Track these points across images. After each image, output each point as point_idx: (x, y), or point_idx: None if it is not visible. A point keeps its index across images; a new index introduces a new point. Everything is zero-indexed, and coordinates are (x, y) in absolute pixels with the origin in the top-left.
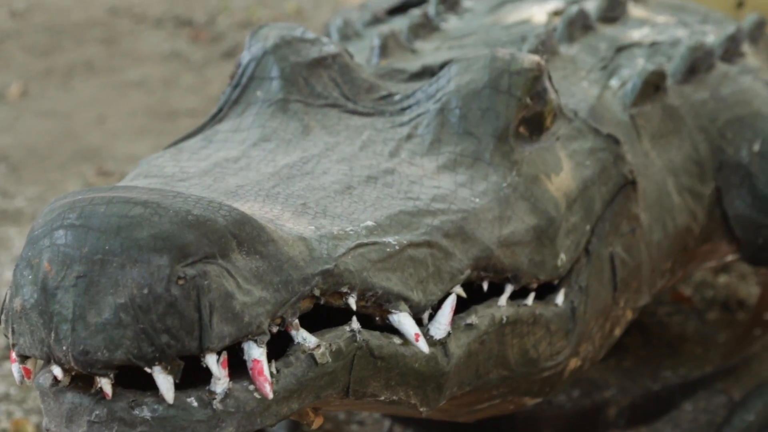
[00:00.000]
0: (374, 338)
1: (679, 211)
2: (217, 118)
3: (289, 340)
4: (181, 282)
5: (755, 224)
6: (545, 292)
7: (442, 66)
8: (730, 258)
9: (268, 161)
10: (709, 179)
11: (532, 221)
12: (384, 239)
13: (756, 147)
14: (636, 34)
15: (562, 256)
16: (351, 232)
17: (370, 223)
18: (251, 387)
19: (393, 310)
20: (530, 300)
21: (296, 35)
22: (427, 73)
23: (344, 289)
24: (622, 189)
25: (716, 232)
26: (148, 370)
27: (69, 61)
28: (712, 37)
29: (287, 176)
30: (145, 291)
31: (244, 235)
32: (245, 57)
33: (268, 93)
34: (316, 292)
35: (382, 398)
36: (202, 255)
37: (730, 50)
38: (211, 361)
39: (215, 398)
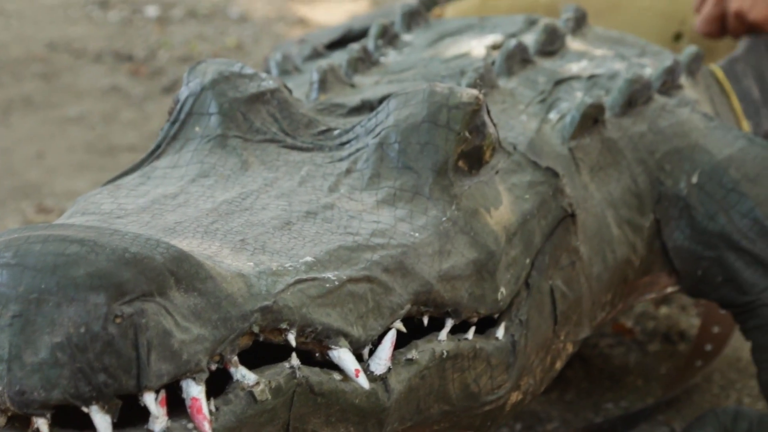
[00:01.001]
0: (314, 375)
1: (619, 244)
2: (155, 154)
3: (229, 377)
4: (118, 320)
5: (694, 256)
6: (486, 326)
7: (381, 100)
8: (670, 290)
9: (207, 197)
10: (648, 211)
11: (471, 255)
12: (323, 275)
13: (694, 179)
14: (574, 67)
15: (503, 289)
16: (290, 268)
17: (309, 258)
18: (190, 425)
19: (333, 346)
20: (471, 334)
21: (234, 71)
22: (366, 107)
23: (283, 326)
24: (562, 222)
25: (656, 264)
26: (85, 409)
27: (7, 97)
28: (649, 69)
29: (226, 212)
30: (82, 330)
31: (182, 272)
32: (183, 93)
33: (206, 129)
34: (255, 329)
35: None
36: (140, 293)
37: (668, 83)
38: (149, 399)
39: None
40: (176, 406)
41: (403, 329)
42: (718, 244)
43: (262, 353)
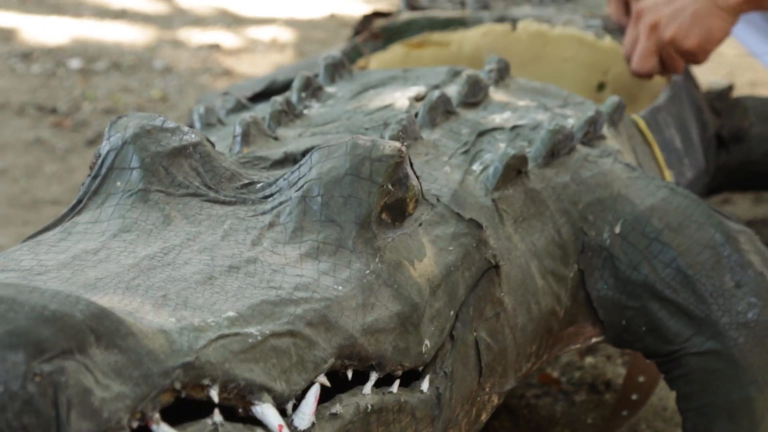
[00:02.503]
0: (237, 431)
1: (543, 295)
2: (76, 209)
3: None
4: (37, 379)
5: (618, 306)
6: (410, 378)
7: (305, 153)
8: (595, 340)
9: (129, 252)
10: (572, 262)
11: (395, 308)
12: (246, 330)
13: (617, 229)
14: (497, 119)
15: (427, 342)
16: (212, 324)
17: (231, 313)
18: None
19: (256, 402)
20: (395, 387)
21: (156, 124)
22: (290, 160)
23: (206, 382)
24: (486, 273)
25: (580, 315)
26: None
27: None
28: (572, 120)
29: (148, 267)
30: (1, 389)
31: (103, 329)
32: (104, 147)
33: (128, 183)
34: (177, 385)
35: None
36: (59, 350)
37: (590, 133)
38: None
39: None
40: None
41: (327, 383)
42: (641, 294)
43: (184, 409)
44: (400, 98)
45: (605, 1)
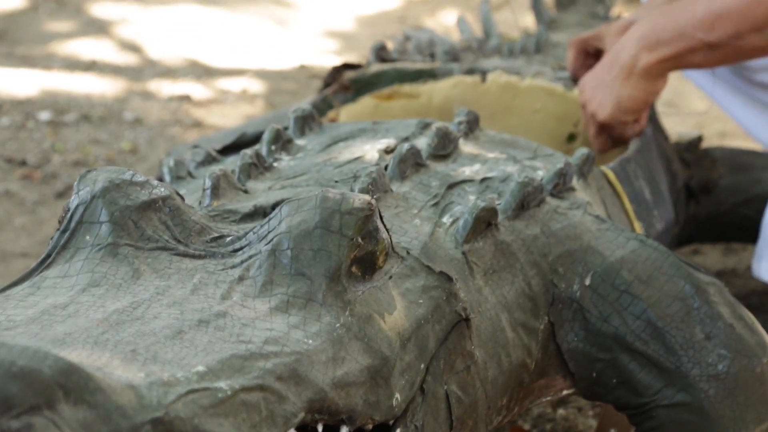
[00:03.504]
0: None
1: (514, 347)
2: (45, 264)
3: None
4: None
5: (588, 358)
6: None
7: (274, 206)
8: (566, 392)
9: (98, 307)
10: (542, 314)
11: (366, 361)
12: (216, 384)
13: (587, 281)
14: (467, 171)
15: (397, 395)
16: (182, 378)
17: (201, 368)
18: None
19: None
20: None
21: (125, 178)
22: (259, 213)
23: None
24: (456, 326)
25: (551, 367)
26: None
27: None
28: (542, 172)
29: (117, 322)
30: None
31: (71, 385)
32: (73, 201)
33: (97, 237)
34: None
35: None
36: (28, 406)
37: (560, 185)
38: None
39: None
40: None
41: None
42: (612, 346)
43: None
44: (369, 151)
45: None
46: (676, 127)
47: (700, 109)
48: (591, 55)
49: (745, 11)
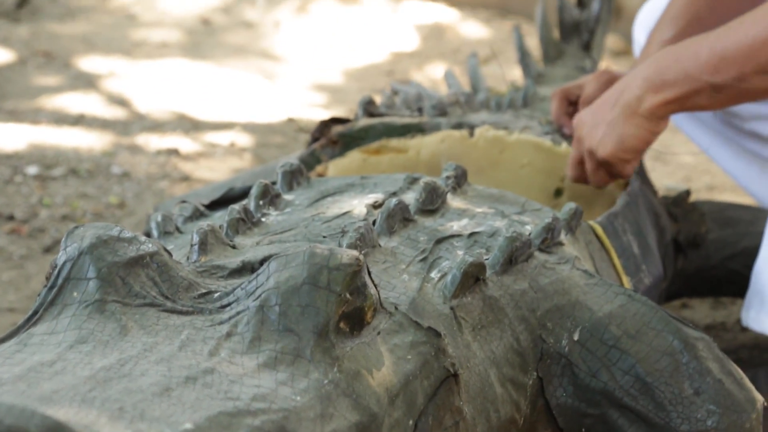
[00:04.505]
0: None
1: (503, 403)
2: (32, 320)
3: None
4: None
5: (577, 414)
6: None
7: (262, 262)
8: None
9: (85, 364)
10: (531, 369)
11: (354, 418)
12: None
13: (576, 336)
14: (455, 226)
15: None
16: None
17: (189, 425)
18: None
19: None
20: None
21: (113, 234)
22: (247, 269)
23: None
24: (445, 382)
25: (540, 423)
26: None
27: None
28: (530, 227)
29: (104, 379)
30: None
31: None
32: (61, 258)
33: (84, 294)
34: None
35: None
36: None
37: (548, 240)
38: None
39: None
40: None
41: None
42: (600, 402)
43: None
44: (357, 205)
45: None
46: (665, 179)
47: (688, 162)
48: (573, 103)
49: (748, 53)
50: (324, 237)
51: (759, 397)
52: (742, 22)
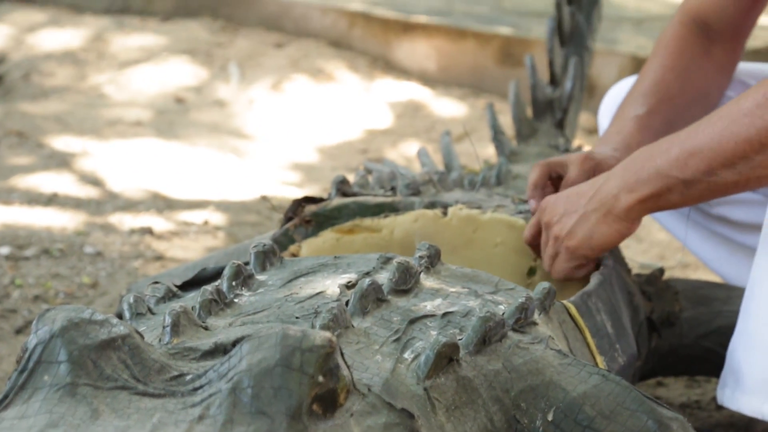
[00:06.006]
0: None
1: None
2: (3, 404)
3: None
4: None
5: None
6: None
7: (235, 343)
8: None
9: None
10: None
11: None
12: None
13: (550, 416)
14: (428, 306)
15: None
16: None
17: None
18: None
19: None
20: None
21: (84, 317)
22: (220, 350)
23: None
24: None
25: None
26: None
27: None
28: (503, 307)
29: None
30: None
31: None
32: (32, 341)
33: (55, 377)
34: None
35: None
36: None
37: (522, 320)
38: None
39: None
40: None
41: None
42: None
43: None
44: (331, 286)
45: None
46: (638, 257)
47: (662, 239)
48: (552, 179)
49: (716, 147)
50: (297, 318)
51: None
52: (710, 118)
